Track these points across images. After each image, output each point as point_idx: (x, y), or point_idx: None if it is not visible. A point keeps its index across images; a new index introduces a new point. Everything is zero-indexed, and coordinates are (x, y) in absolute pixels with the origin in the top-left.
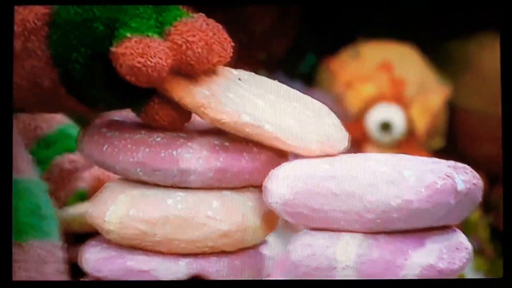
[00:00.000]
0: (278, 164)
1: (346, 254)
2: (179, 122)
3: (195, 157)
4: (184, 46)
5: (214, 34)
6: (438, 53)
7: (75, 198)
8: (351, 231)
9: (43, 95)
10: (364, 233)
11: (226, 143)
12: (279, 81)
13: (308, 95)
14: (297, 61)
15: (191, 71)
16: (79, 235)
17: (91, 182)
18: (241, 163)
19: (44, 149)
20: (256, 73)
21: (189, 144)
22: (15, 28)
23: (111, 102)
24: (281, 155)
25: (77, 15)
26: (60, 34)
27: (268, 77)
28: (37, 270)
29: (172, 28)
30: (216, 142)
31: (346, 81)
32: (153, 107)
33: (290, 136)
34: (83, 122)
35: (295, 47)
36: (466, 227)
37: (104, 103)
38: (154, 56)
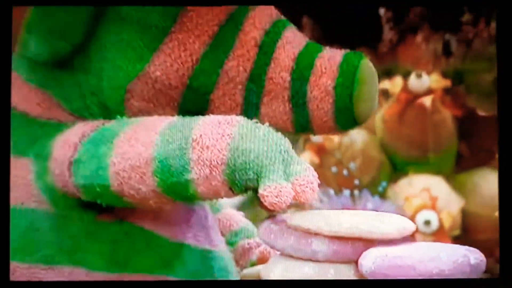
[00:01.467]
0: (368, 248)
1: None
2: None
3: (322, 243)
4: (300, 193)
5: (317, 181)
6: (456, 181)
7: (249, 265)
8: None
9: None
10: None
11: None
12: (366, 196)
13: (383, 205)
14: (376, 185)
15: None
16: None
17: (258, 255)
18: (347, 247)
19: (234, 236)
20: (352, 192)
21: (317, 234)
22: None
23: None
24: (370, 242)
25: (242, 164)
26: (231, 172)
27: (358, 195)
28: None
29: (295, 181)
30: None
31: (404, 197)
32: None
33: (375, 229)
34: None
35: (375, 177)
36: None
37: None
38: (283, 195)
